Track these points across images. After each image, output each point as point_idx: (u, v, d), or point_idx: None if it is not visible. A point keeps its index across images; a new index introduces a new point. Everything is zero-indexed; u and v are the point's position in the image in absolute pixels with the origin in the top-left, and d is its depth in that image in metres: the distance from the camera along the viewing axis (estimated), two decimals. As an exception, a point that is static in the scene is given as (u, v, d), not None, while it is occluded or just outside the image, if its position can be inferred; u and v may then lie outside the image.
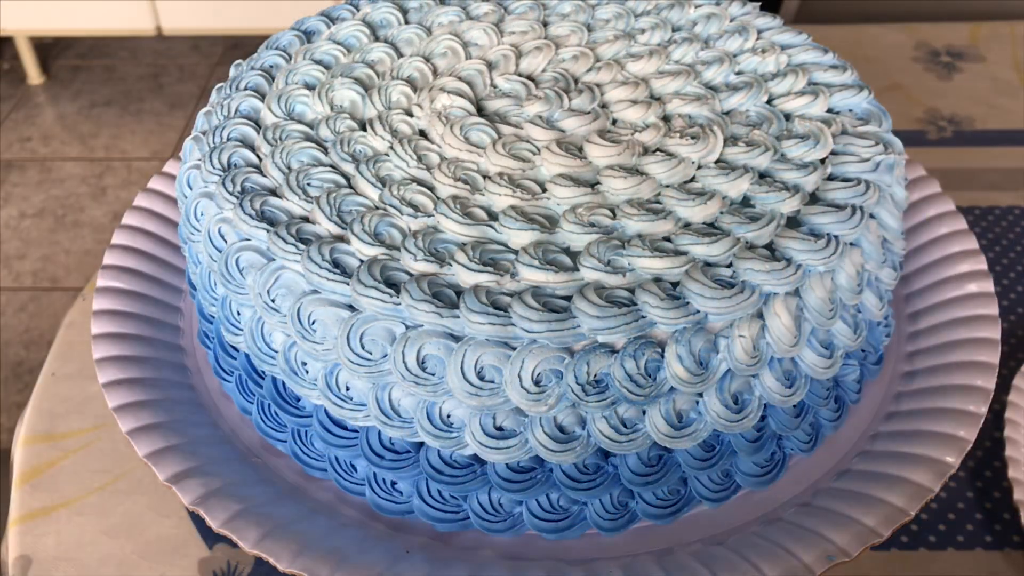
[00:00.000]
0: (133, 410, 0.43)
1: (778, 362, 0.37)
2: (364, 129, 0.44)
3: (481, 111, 0.45)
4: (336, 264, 0.37)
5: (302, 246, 0.37)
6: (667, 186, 0.40)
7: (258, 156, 0.43)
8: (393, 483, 0.40)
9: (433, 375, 0.35)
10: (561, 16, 0.52)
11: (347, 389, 0.38)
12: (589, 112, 0.44)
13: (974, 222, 0.62)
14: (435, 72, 0.47)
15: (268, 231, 0.38)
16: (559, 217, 0.38)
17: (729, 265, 0.36)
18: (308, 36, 0.51)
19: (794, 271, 0.36)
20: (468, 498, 0.39)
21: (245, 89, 0.47)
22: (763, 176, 0.41)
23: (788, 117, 0.45)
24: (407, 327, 0.35)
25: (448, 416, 0.37)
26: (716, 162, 0.41)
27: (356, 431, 0.39)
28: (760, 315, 0.36)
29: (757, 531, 0.39)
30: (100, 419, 0.51)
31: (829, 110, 0.45)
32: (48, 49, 1.98)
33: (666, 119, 0.44)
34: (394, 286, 0.35)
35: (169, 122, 1.78)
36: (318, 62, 0.48)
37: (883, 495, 0.39)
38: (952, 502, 0.48)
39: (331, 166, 0.42)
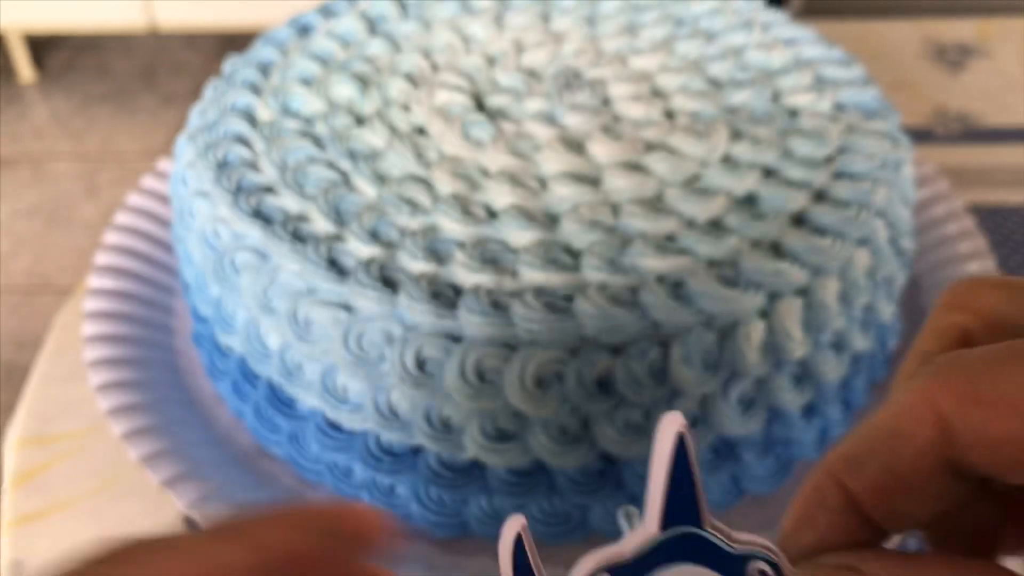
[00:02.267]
0: (126, 413, 0.42)
1: (785, 364, 0.37)
2: (361, 125, 0.43)
3: (481, 107, 0.45)
4: (333, 263, 0.36)
5: (298, 245, 0.37)
6: (671, 184, 0.39)
7: (253, 153, 0.42)
8: (391, 487, 0.40)
9: (432, 377, 0.35)
10: (563, 10, 0.51)
11: (344, 391, 0.37)
12: (591, 108, 0.43)
13: (983, 221, 0.62)
14: (434, 67, 0.47)
15: (263, 230, 0.38)
16: (561, 215, 0.38)
17: (734, 265, 0.36)
18: (304, 31, 0.50)
19: (801, 271, 0.36)
20: (467, 502, 0.39)
21: (240, 85, 0.46)
22: (769, 173, 0.40)
23: (794, 113, 0.44)
24: (405, 328, 0.35)
25: (447, 419, 0.36)
26: (721, 159, 0.41)
27: (353, 434, 0.39)
28: (766, 315, 0.35)
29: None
30: (93, 421, 0.50)
31: (836, 106, 0.45)
32: (40, 46, 1.97)
33: (670, 115, 0.44)
34: (392, 286, 0.35)
35: (163, 119, 1.78)
36: (315, 57, 0.48)
37: (891, 499, 0.39)
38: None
39: (328, 163, 0.41)
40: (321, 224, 0.38)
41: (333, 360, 0.36)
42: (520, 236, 0.37)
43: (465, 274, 0.35)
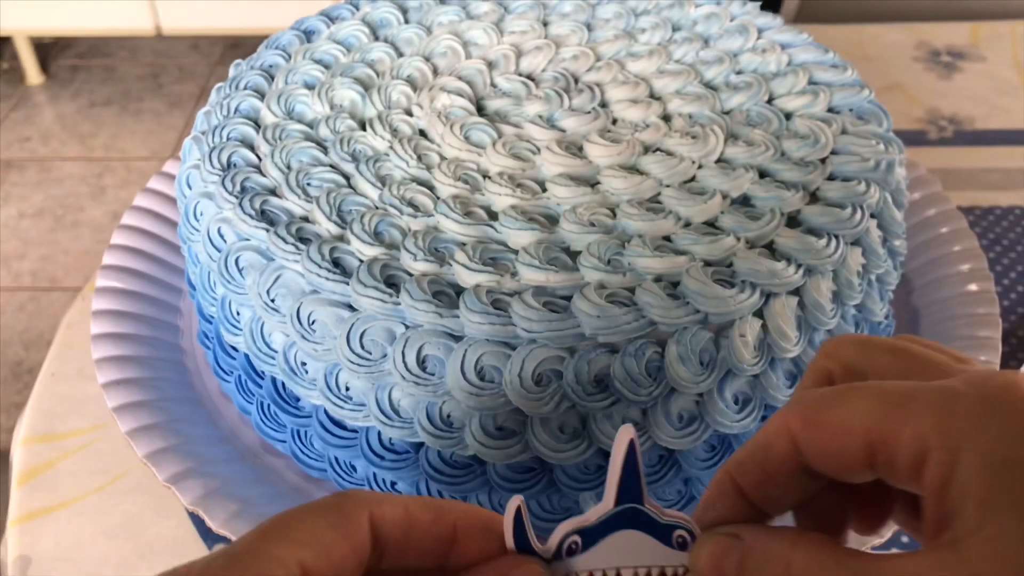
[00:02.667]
0: (132, 410, 0.43)
1: (779, 362, 0.37)
2: (364, 129, 0.44)
3: (481, 111, 0.45)
4: (336, 264, 0.36)
5: (302, 246, 0.37)
6: (667, 185, 0.40)
7: (258, 156, 0.43)
8: (393, 484, 0.40)
9: (433, 375, 0.35)
10: (561, 15, 0.52)
11: (347, 389, 0.38)
12: (589, 112, 0.44)
13: (975, 222, 0.62)
14: (435, 72, 0.47)
15: (268, 231, 0.38)
16: (559, 217, 0.38)
17: (730, 265, 0.36)
18: (308, 35, 0.51)
19: (795, 271, 0.36)
20: (468, 499, 0.39)
21: (245, 89, 0.47)
22: (763, 175, 0.41)
23: (789, 116, 0.44)
24: (407, 327, 0.35)
25: (448, 416, 0.37)
26: (716, 161, 0.41)
27: (356, 431, 0.39)
28: (761, 315, 0.36)
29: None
30: (99, 419, 0.51)
31: (830, 109, 0.45)
32: (47, 49, 1.98)
33: (666, 118, 0.44)
34: (394, 286, 0.35)
35: (168, 122, 1.78)
36: (318, 62, 0.48)
37: (884, 495, 0.39)
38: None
39: (331, 166, 0.42)
40: (324, 225, 0.38)
41: (336, 358, 0.36)
42: (520, 236, 0.37)
43: (466, 274, 0.36)
